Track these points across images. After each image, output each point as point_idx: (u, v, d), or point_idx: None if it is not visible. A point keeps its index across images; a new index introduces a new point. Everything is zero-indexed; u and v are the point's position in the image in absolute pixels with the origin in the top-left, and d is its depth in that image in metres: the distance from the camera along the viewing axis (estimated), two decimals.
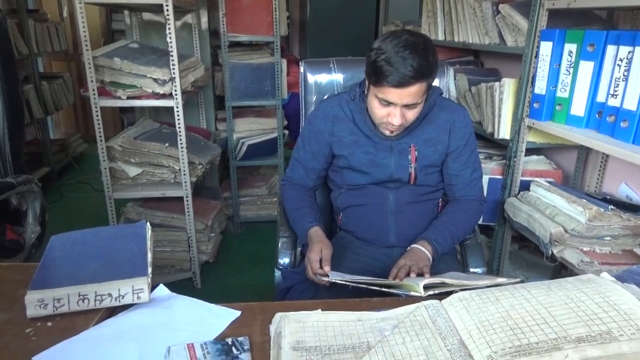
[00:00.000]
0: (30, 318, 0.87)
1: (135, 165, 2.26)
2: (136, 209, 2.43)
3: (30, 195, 1.57)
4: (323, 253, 1.22)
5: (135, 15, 2.81)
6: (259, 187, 3.15)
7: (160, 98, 2.13)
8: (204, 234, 2.48)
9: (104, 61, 2.08)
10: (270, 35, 2.78)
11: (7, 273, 1.04)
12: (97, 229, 1.18)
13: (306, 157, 1.44)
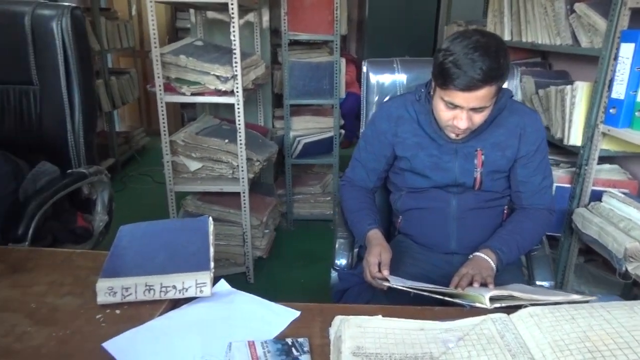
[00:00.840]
0: (100, 305, 0.90)
1: (195, 159, 2.32)
2: (195, 202, 2.50)
3: (100, 185, 1.64)
4: (382, 257, 1.20)
5: (200, 14, 2.89)
6: (313, 185, 3.16)
7: (222, 95, 2.17)
8: (259, 229, 2.51)
9: (170, 58, 2.15)
10: (331, 34, 2.78)
11: (80, 259, 1.09)
12: (162, 221, 1.21)
13: (367, 157, 1.42)
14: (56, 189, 1.42)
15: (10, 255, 1.10)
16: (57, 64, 1.50)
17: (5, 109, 1.56)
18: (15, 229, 1.29)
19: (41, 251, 1.13)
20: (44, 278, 1.01)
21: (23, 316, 0.88)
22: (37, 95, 1.55)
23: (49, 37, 1.48)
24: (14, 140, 1.55)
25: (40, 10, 1.48)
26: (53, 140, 1.56)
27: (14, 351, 0.79)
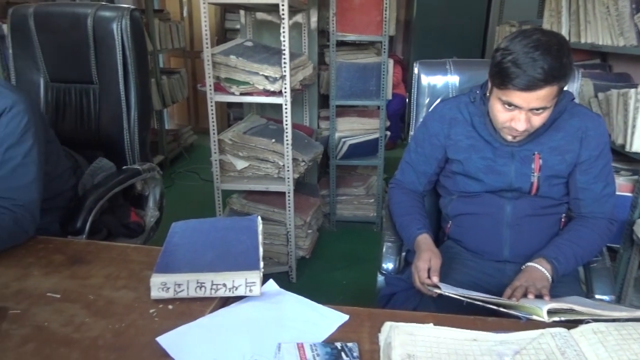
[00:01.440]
0: (153, 299, 0.92)
1: (242, 158, 2.35)
2: (240, 200, 2.53)
3: (152, 181, 1.69)
4: (432, 262, 1.18)
5: (250, 15, 2.93)
6: (357, 187, 3.14)
7: (270, 95, 2.19)
8: (302, 229, 2.52)
9: (221, 58, 2.19)
10: (379, 35, 2.75)
11: (134, 254, 1.12)
12: (212, 219, 1.23)
13: (418, 160, 1.40)
14: (112, 185, 1.47)
15: (70, 248, 1.15)
16: (116, 64, 1.56)
17: (67, 106, 1.63)
18: (74, 222, 1.34)
19: (98, 244, 1.17)
20: (101, 271, 1.04)
21: (81, 307, 0.91)
22: (96, 93, 1.61)
23: (109, 38, 1.54)
24: (74, 137, 1.62)
25: (101, 12, 1.54)
26: (110, 137, 1.62)
27: (73, 340, 0.82)
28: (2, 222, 1.10)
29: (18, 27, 1.61)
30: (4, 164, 1.16)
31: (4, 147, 1.15)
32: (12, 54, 1.65)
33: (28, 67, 1.65)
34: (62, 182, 1.41)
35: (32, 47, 1.61)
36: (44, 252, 1.12)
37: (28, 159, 1.17)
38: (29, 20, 1.58)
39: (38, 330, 0.84)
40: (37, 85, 1.65)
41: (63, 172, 1.42)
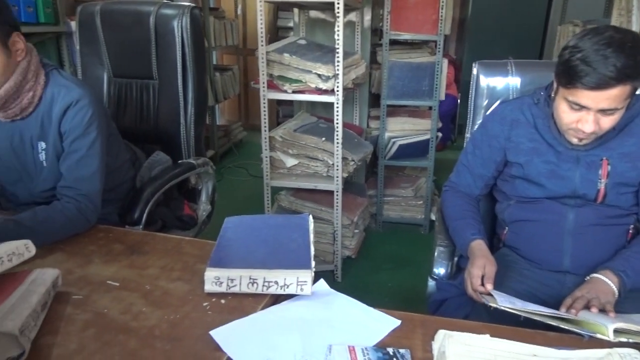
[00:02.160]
0: (207, 292, 0.94)
1: (292, 156, 2.36)
2: (288, 197, 2.55)
3: (205, 176, 1.72)
4: (486, 269, 1.13)
5: (304, 13, 2.94)
6: (405, 188, 3.09)
7: (322, 93, 2.19)
8: (349, 229, 2.50)
9: (274, 56, 2.21)
10: (434, 34, 2.69)
11: (188, 247, 1.15)
12: (264, 216, 1.25)
13: (475, 162, 1.35)
14: (168, 178, 1.51)
15: (128, 238, 1.19)
16: (175, 60, 1.60)
17: (128, 101, 1.69)
18: (131, 212, 1.39)
19: (154, 236, 1.21)
20: (157, 262, 1.07)
21: (139, 296, 0.94)
22: (156, 89, 1.66)
23: (170, 35, 1.58)
24: (133, 131, 1.68)
25: (163, 10, 1.59)
26: (167, 131, 1.67)
27: (131, 329, 0.84)
28: (67, 211, 1.16)
29: (85, 24, 1.68)
30: (70, 155, 1.21)
31: (70, 139, 1.21)
32: (79, 50, 1.73)
33: (93, 62, 1.72)
34: (122, 174, 1.47)
35: (98, 43, 1.68)
36: (105, 240, 1.17)
37: (92, 150, 1.22)
38: (96, 17, 1.65)
39: (98, 316, 0.87)
40: (101, 80, 1.72)
41: (123, 164, 1.47)
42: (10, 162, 1.26)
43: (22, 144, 1.23)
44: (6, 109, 1.16)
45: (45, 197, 1.28)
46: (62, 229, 1.14)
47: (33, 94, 1.18)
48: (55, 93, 1.19)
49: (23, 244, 0.91)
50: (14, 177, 1.29)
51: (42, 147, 1.22)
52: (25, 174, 1.27)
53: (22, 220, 1.08)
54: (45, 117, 1.20)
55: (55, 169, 1.23)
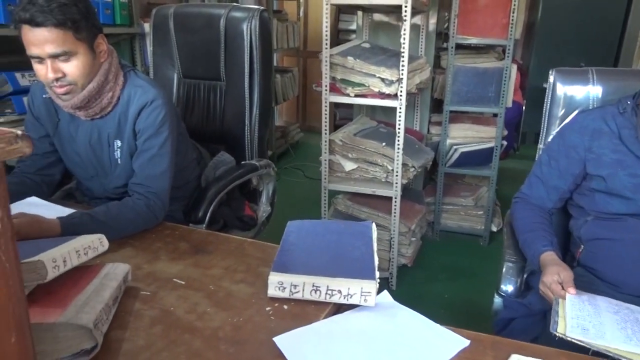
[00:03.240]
0: (269, 297, 0.94)
1: (351, 160, 2.35)
2: (345, 201, 2.53)
3: (267, 177, 1.74)
4: (562, 276, 1.07)
5: (367, 16, 2.91)
6: (465, 197, 2.99)
7: (385, 98, 2.16)
8: (406, 237, 2.45)
9: (338, 59, 2.20)
10: (504, 38, 2.59)
11: (251, 249, 1.15)
12: (327, 221, 1.24)
13: (550, 174, 1.28)
14: (232, 179, 1.53)
15: (193, 236, 1.21)
16: (243, 63, 1.62)
17: (196, 101, 1.74)
18: (196, 211, 1.42)
19: (218, 236, 1.22)
20: (221, 262, 1.08)
21: (203, 296, 0.95)
22: (223, 90, 1.70)
23: (239, 38, 1.61)
24: (200, 130, 1.72)
25: (233, 13, 1.62)
26: (232, 132, 1.69)
27: (196, 329, 0.85)
28: (137, 207, 1.19)
29: (159, 26, 1.74)
30: (142, 153, 1.25)
31: (143, 138, 1.25)
32: (152, 51, 1.79)
33: (164, 63, 1.78)
34: (188, 173, 1.50)
35: (170, 45, 1.73)
36: (171, 238, 1.20)
37: (163, 150, 1.26)
38: (169, 20, 1.70)
39: (165, 314, 0.89)
40: (171, 80, 1.78)
41: (189, 164, 1.50)
42: (88, 159, 1.32)
43: (100, 141, 1.28)
44: (87, 108, 1.22)
45: (118, 193, 1.34)
46: (132, 224, 1.18)
47: (112, 94, 1.23)
48: (132, 93, 1.24)
49: (97, 239, 0.95)
50: (90, 173, 1.35)
51: (117, 145, 1.27)
52: (101, 170, 1.33)
53: (96, 215, 1.13)
54: (122, 117, 1.25)
55: (128, 166, 1.28)
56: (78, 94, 1.17)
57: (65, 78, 1.14)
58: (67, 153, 1.34)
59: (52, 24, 1.06)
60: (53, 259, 0.80)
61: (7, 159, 0.36)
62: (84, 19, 1.11)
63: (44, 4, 1.05)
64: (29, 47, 1.10)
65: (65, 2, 1.08)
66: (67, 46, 1.10)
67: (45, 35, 1.07)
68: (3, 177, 0.36)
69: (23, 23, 1.07)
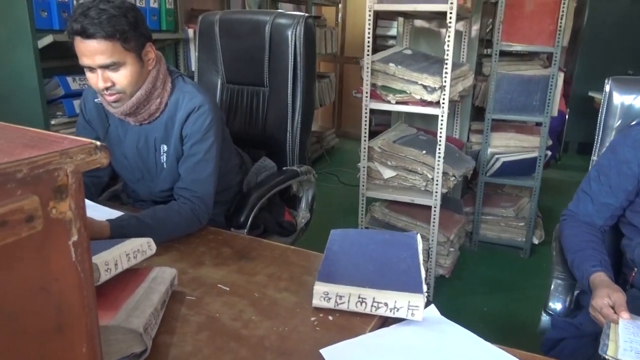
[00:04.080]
0: (314, 307, 0.92)
1: (390, 168, 2.32)
2: (382, 209, 2.51)
3: (307, 184, 1.74)
4: (613, 298, 1.01)
5: (408, 22, 2.89)
6: (505, 207, 2.91)
7: (426, 105, 2.12)
8: (444, 247, 2.40)
9: (379, 66, 2.18)
10: (550, 45, 2.51)
11: (294, 256, 1.14)
12: (370, 231, 1.22)
13: (600, 190, 1.22)
14: (273, 184, 1.54)
15: (236, 242, 1.21)
16: (287, 69, 1.63)
17: (239, 107, 1.75)
18: (238, 216, 1.42)
19: (260, 242, 1.22)
20: (264, 269, 1.08)
21: (248, 303, 0.95)
22: (266, 96, 1.70)
23: (284, 44, 1.61)
24: (242, 135, 1.73)
25: (279, 19, 1.62)
26: (274, 138, 1.70)
27: (242, 337, 0.85)
28: (182, 212, 1.21)
29: (205, 32, 1.77)
30: (188, 158, 1.27)
31: (190, 143, 1.26)
32: (198, 56, 1.82)
33: (209, 69, 1.80)
34: (231, 178, 1.52)
35: (215, 50, 1.75)
36: (214, 243, 1.20)
37: (208, 155, 1.27)
38: (215, 26, 1.72)
39: (211, 320, 0.89)
40: (215, 85, 1.80)
41: (232, 168, 1.52)
42: (135, 162, 1.34)
43: (147, 146, 1.31)
44: (136, 114, 1.25)
45: (163, 197, 1.36)
46: (177, 228, 1.20)
47: (160, 100, 1.25)
48: (179, 99, 1.26)
49: (146, 242, 0.96)
50: (136, 176, 1.38)
51: (164, 150, 1.30)
52: (147, 173, 1.35)
53: (143, 218, 1.15)
54: (169, 122, 1.27)
55: (174, 170, 1.30)
56: (127, 102, 1.20)
57: (114, 87, 1.17)
58: (116, 156, 1.37)
59: (102, 36, 1.09)
60: (105, 262, 0.81)
61: (87, 169, 0.37)
62: (132, 29, 1.14)
63: (95, 16, 1.08)
64: (81, 58, 1.13)
65: (115, 14, 1.10)
66: (115, 57, 1.13)
67: (95, 47, 1.10)
68: (82, 189, 0.37)
69: (75, 35, 1.10)
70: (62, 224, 0.35)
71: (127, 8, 1.14)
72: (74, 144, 0.35)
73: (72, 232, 0.35)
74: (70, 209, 0.35)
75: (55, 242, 0.35)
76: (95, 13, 1.08)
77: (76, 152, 0.35)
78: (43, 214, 0.33)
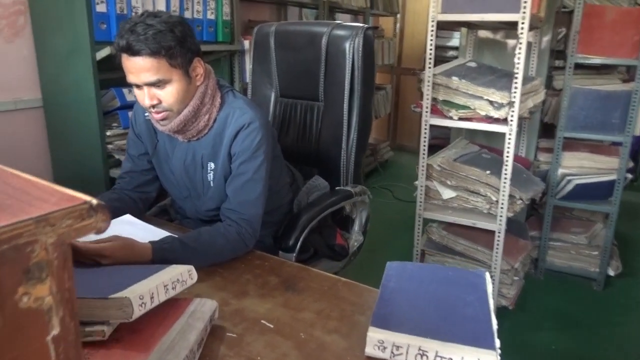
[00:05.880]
0: (367, 356, 0.81)
1: (450, 187, 2.17)
2: (440, 231, 2.35)
3: (361, 205, 1.63)
4: None
5: (472, 33, 2.72)
6: (576, 233, 2.67)
7: (492, 122, 1.96)
8: (508, 275, 2.21)
9: (441, 79, 2.04)
10: (634, 57, 2.27)
11: (345, 290, 1.04)
12: (432, 266, 1.10)
13: None
14: (325, 206, 1.44)
15: (283, 270, 1.12)
16: (343, 83, 1.53)
17: (292, 121, 1.68)
18: (287, 238, 1.34)
19: (310, 271, 1.13)
20: (312, 304, 0.98)
21: (293, 346, 0.85)
22: (320, 111, 1.62)
23: (341, 57, 1.52)
24: (294, 152, 1.65)
25: (336, 31, 1.54)
26: (327, 155, 1.61)
27: None
28: (228, 235, 1.14)
29: (259, 44, 1.71)
30: (236, 177, 1.20)
31: (238, 162, 1.19)
32: (252, 68, 1.77)
33: (263, 81, 1.74)
34: (281, 197, 1.43)
35: (269, 63, 1.69)
36: (260, 270, 1.12)
37: (257, 175, 1.19)
38: (270, 38, 1.66)
39: None
40: (268, 98, 1.73)
41: (282, 188, 1.44)
42: (182, 180, 1.29)
43: (194, 162, 1.25)
44: (184, 131, 1.19)
45: (209, 216, 1.30)
46: (222, 251, 1.13)
47: (209, 116, 1.19)
48: (229, 115, 1.19)
49: (187, 271, 0.89)
50: (183, 194, 1.33)
51: (211, 167, 1.23)
52: (194, 191, 1.30)
53: (187, 241, 1.08)
54: (217, 138, 1.21)
55: (221, 189, 1.23)
56: (174, 119, 1.15)
57: (161, 104, 1.13)
58: (164, 172, 1.33)
59: (147, 53, 1.05)
60: (140, 296, 0.74)
61: (77, 238, 0.28)
62: (179, 45, 1.09)
63: (141, 32, 1.04)
64: (127, 75, 1.10)
65: (162, 29, 1.06)
66: (161, 74, 1.08)
67: (141, 64, 1.06)
68: (68, 263, 0.28)
69: (121, 51, 1.07)
70: (37, 315, 0.25)
71: (174, 22, 1.08)
72: (59, 206, 0.26)
73: (51, 325, 0.26)
74: (51, 293, 0.26)
75: (24, 341, 0.26)
76: (141, 29, 1.04)
77: (60, 218, 0.26)
78: (6, 306, 0.24)
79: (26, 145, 1.90)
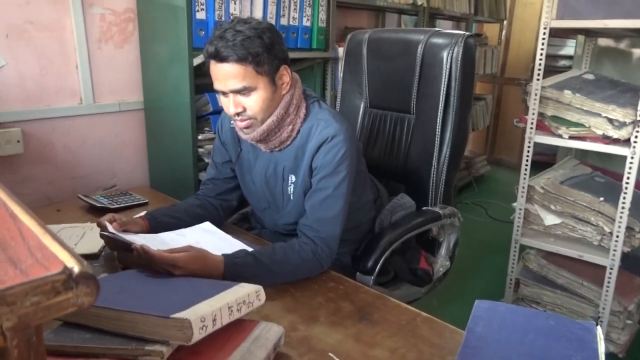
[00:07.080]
0: None
1: (554, 213, 1.94)
2: (539, 259, 2.12)
3: (450, 228, 1.50)
4: None
5: (590, 42, 2.44)
6: None
7: (610, 143, 1.72)
8: (619, 318, 1.93)
9: (551, 92, 1.84)
10: None
11: (425, 327, 0.93)
12: (528, 311, 0.95)
13: None
14: (410, 227, 1.34)
15: (359, 296, 1.05)
16: (438, 95, 1.42)
17: (380, 134, 1.59)
18: (366, 259, 1.25)
19: (387, 301, 1.03)
20: (387, 340, 0.89)
21: None
22: (411, 124, 1.51)
23: (437, 67, 1.41)
24: (381, 166, 1.57)
25: (434, 39, 1.43)
26: (415, 172, 1.50)
27: None
28: (303, 253, 1.08)
29: (352, 52, 1.65)
30: (316, 193, 1.14)
31: (319, 176, 1.13)
32: (342, 77, 1.71)
33: (353, 91, 1.68)
34: (362, 215, 1.35)
35: (360, 72, 1.62)
36: (334, 294, 1.05)
37: (338, 191, 1.13)
38: (363, 45, 1.59)
39: None
40: (357, 109, 1.66)
41: (365, 205, 1.35)
42: (262, 191, 1.26)
43: (275, 174, 1.22)
44: (267, 141, 1.16)
45: (287, 230, 1.25)
46: (295, 270, 1.07)
47: (292, 127, 1.15)
48: (313, 127, 1.14)
49: (255, 291, 0.84)
50: (263, 205, 1.30)
51: (291, 180, 1.19)
52: (273, 203, 1.26)
53: (261, 258, 1.04)
54: (300, 151, 1.16)
55: (300, 203, 1.18)
56: (257, 128, 1.12)
57: (245, 112, 1.10)
58: (245, 181, 1.31)
59: (234, 59, 1.03)
60: (202, 318, 0.70)
61: (50, 317, 0.22)
62: (266, 52, 1.05)
63: (230, 38, 1.03)
64: (214, 81, 1.09)
65: (250, 35, 1.03)
66: (247, 81, 1.06)
67: (228, 71, 1.05)
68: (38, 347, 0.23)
69: (209, 58, 1.06)
70: None
71: (263, 29, 1.06)
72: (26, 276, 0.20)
73: None
74: None
75: None
76: (230, 35, 1.02)
77: (22, 294, 0.20)
78: None
79: (127, 145, 2.01)
